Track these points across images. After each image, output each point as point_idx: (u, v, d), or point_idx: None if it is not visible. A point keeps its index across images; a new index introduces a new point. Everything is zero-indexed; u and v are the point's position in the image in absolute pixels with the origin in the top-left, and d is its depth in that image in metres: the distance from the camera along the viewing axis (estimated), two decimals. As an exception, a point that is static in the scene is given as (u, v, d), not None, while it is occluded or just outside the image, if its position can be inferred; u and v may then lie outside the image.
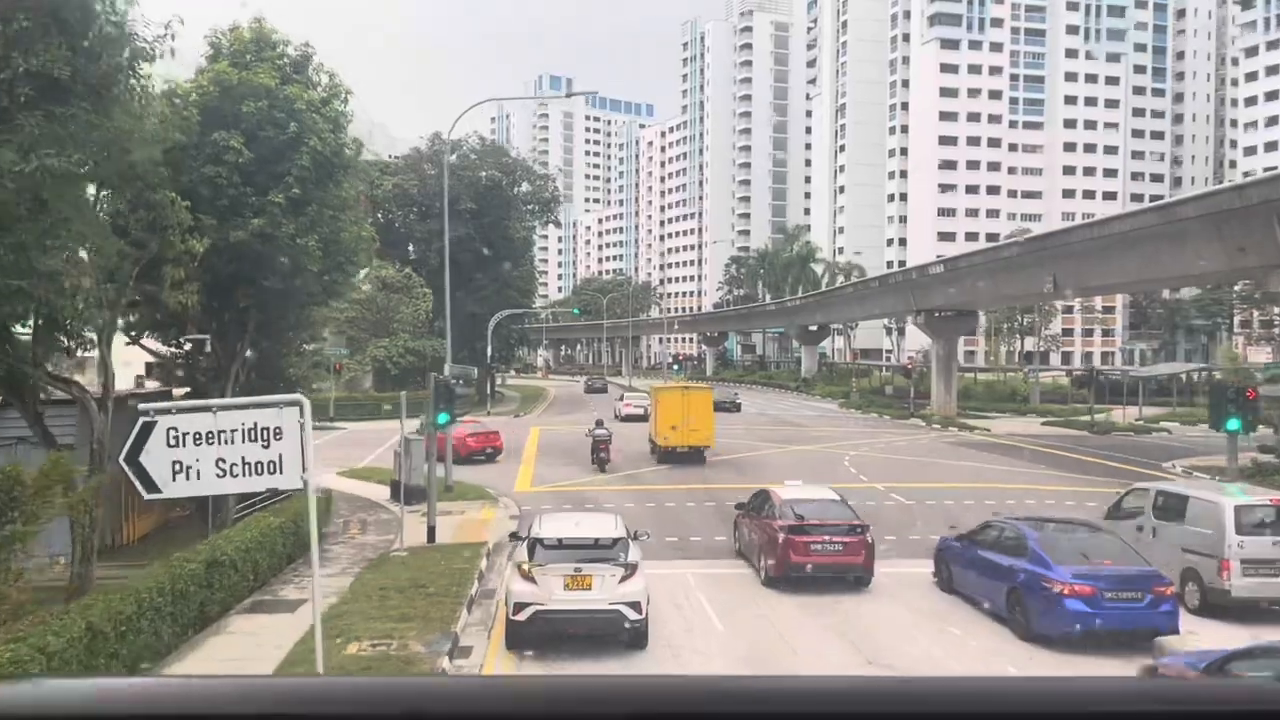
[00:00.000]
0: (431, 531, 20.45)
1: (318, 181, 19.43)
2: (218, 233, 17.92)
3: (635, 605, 12.92)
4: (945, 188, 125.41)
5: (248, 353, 24.10)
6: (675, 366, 64.06)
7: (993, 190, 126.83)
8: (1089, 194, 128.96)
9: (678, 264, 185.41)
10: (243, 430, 10.25)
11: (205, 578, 13.90)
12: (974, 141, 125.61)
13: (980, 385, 76.27)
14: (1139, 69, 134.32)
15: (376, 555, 19.37)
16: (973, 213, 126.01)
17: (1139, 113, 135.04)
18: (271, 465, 10.29)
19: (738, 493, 22.80)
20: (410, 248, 71.14)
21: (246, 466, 10.24)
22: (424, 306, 59.56)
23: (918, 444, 43.52)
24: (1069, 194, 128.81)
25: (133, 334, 19.61)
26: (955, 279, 53.79)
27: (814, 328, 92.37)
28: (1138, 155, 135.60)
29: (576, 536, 13.71)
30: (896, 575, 18.19)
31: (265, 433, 10.29)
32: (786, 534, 17.06)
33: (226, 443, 10.18)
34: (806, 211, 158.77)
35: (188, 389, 22.70)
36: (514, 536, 16.40)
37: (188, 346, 22.27)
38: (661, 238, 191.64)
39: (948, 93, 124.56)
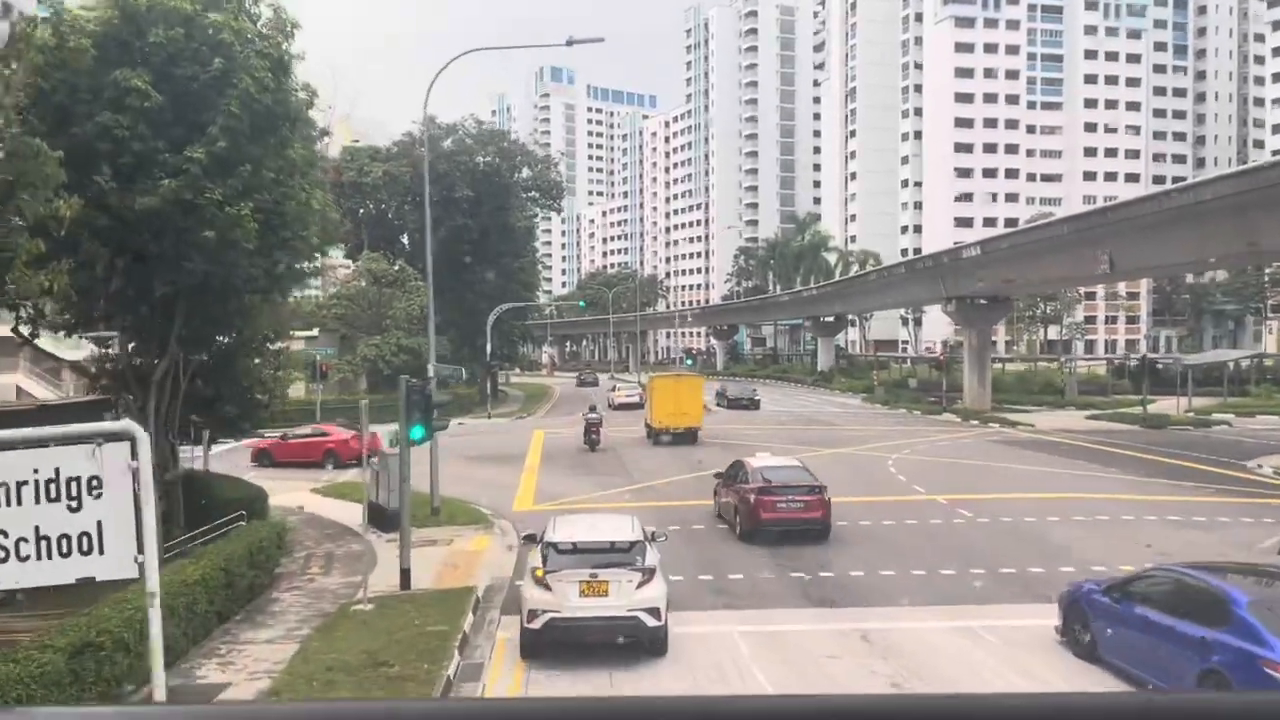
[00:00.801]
0: (405, 576, 16.33)
1: (253, 135, 15.28)
2: (120, 198, 13.80)
3: (654, 611, 12.43)
4: (962, 172, 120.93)
5: (197, 355, 20.20)
6: (688, 360, 59.72)
7: (1011, 174, 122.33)
8: (1110, 176, 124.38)
9: (684, 256, 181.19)
10: (34, 483, 6.13)
11: (68, 670, 9.79)
12: (991, 123, 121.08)
13: (1010, 376, 71.94)
14: (1159, 46, 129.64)
15: (335, 608, 15.24)
16: (990, 197, 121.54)
17: (1160, 91, 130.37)
18: (84, 541, 6.17)
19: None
20: (405, 239, 67.10)
21: (40, 545, 6.12)
22: (419, 301, 55.41)
23: (962, 444, 39.32)
24: (1090, 176, 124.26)
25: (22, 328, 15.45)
26: (992, 262, 49.54)
27: (830, 319, 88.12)
28: (1159, 136, 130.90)
29: (592, 540, 13.12)
30: (1004, 629, 14.01)
31: (73, 486, 6.16)
32: (756, 495, 20.20)
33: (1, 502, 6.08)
34: (816, 200, 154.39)
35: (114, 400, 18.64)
36: (529, 539, 15.20)
37: (110, 346, 18.23)
38: (667, 230, 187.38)
39: (963, 73, 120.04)
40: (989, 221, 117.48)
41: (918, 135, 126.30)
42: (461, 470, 32.56)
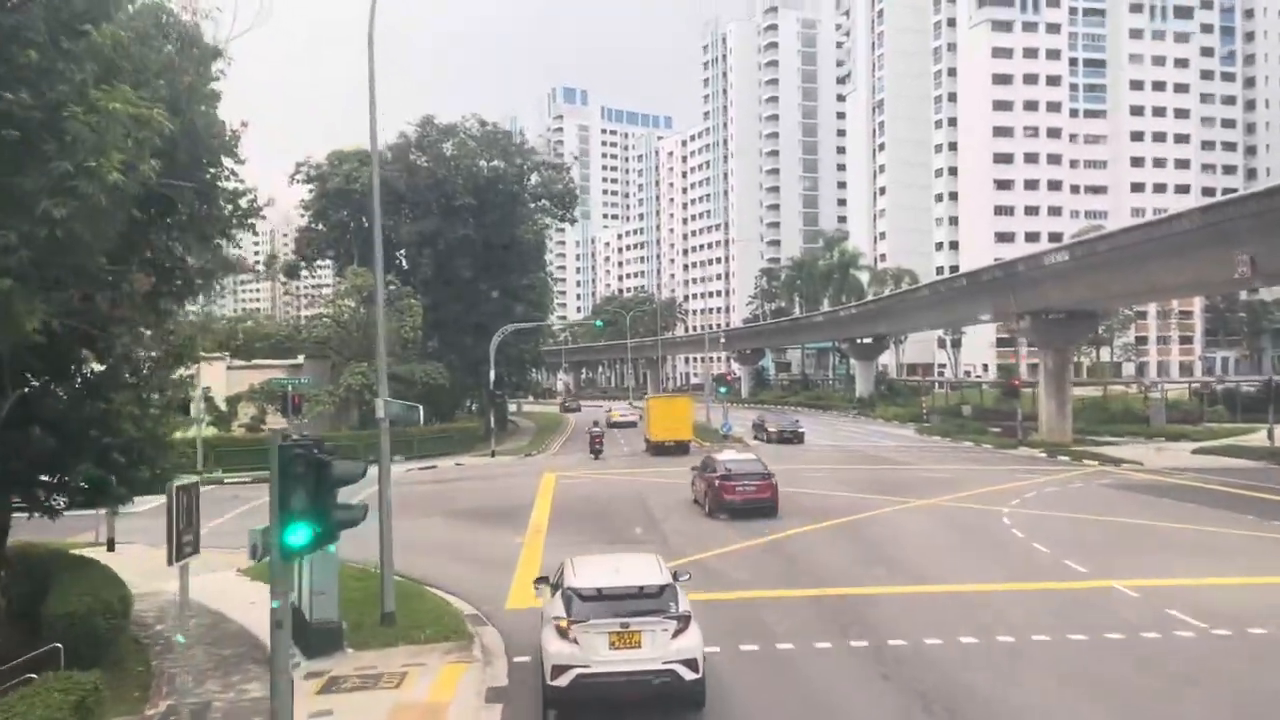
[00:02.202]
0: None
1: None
2: None
3: (691, 663, 11.10)
4: (1002, 184, 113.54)
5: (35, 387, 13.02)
6: (722, 389, 52.40)
7: (1054, 186, 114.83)
8: (1159, 187, 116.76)
9: (703, 279, 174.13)
10: None
11: None
12: (1031, 132, 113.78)
13: (1081, 402, 64.27)
14: (1205, 51, 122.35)
15: None
16: (1032, 210, 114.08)
17: (1207, 98, 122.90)
18: None
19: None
20: (403, 255, 60.05)
21: None
22: (411, 322, 48.25)
23: (1073, 490, 31.65)
24: (1138, 188, 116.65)
25: None
26: (1083, 270, 42.03)
27: (868, 341, 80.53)
28: (1208, 145, 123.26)
29: (620, 586, 11.60)
30: None
31: None
32: (720, 481, 26.28)
33: None
34: (841, 219, 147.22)
35: None
36: (542, 581, 13.60)
37: None
38: (685, 251, 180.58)
39: (1001, 79, 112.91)
40: (1031, 236, 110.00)
41: (952, 146, 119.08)
42: (444, 533, 25.19)
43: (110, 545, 23.62)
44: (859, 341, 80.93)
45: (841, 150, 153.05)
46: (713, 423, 55.61)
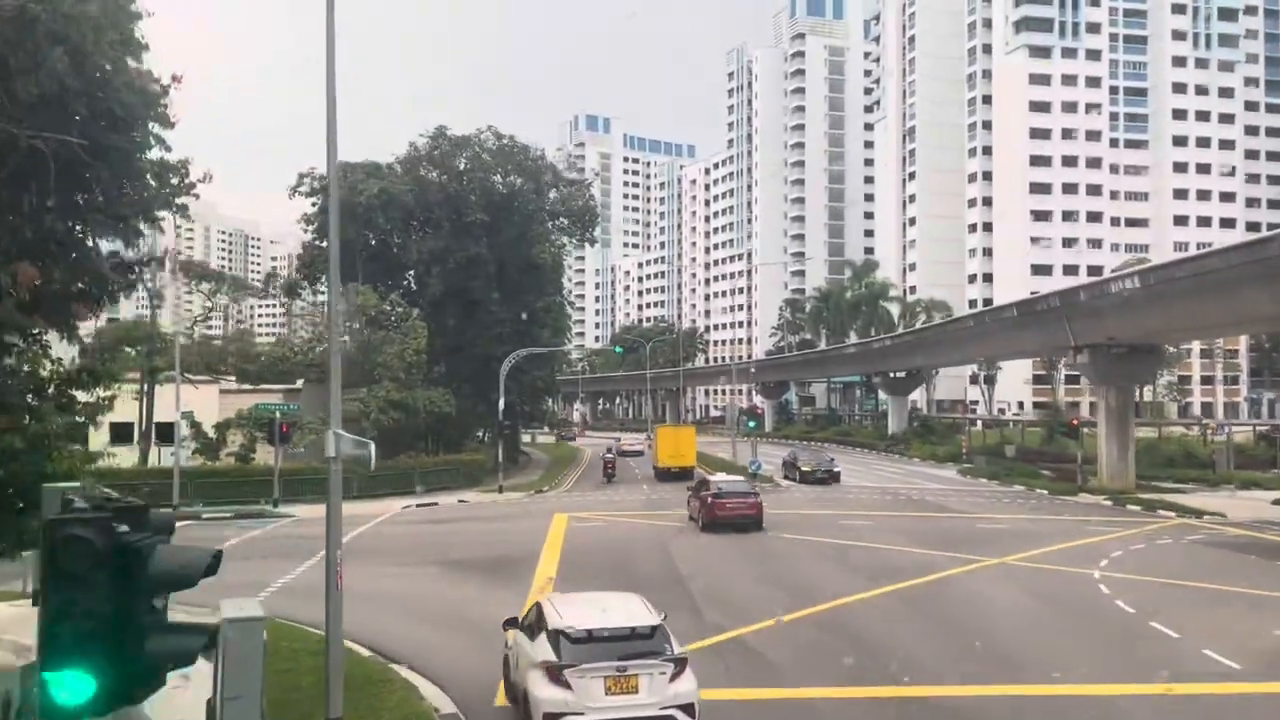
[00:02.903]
0: None
1: None
2: None
3: (689, 709, 10.61)
4: (1039, 215, 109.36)
5: None
6: (751, 423, 48.47)
7: (1094, 217, 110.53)
8: (1204, 221, 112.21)
9: (725, 309, 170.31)
10: None
11: None
12: (1070, 162, 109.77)
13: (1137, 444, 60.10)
14: (1249, 81, 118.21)
15: None
16: (1070, 242, 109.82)
17: (1252, 131, 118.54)
18: None
19: None
20: (411, 275, 56.57)
21: None
22: (415, 344, 44.53)
23: (1163, 548, 27.40)
24: (1181, 221, 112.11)
25: None
26: (1155, 299, 37.91)
27: (902, 375, 76.34)
28: (1252, 179, 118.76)
29: (612, 627, 11.01)
30: None
31: None
32: (712, 499, 29.80)
33: None
34: (868, 250, 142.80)
35: None
36: (511, 624, 12.64)
37: None
38: (706, 281, 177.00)
39: (1038, 107, 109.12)
40: (1069, 269, 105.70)
41: (986, 176, 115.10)
42: (432, 589, 21.29)
43: (36, 598, 19.87)
44: (892, 375, 76.77)
45: (869, 180, 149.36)
46: (739, 459, 51.47)
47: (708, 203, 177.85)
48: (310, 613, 19.12)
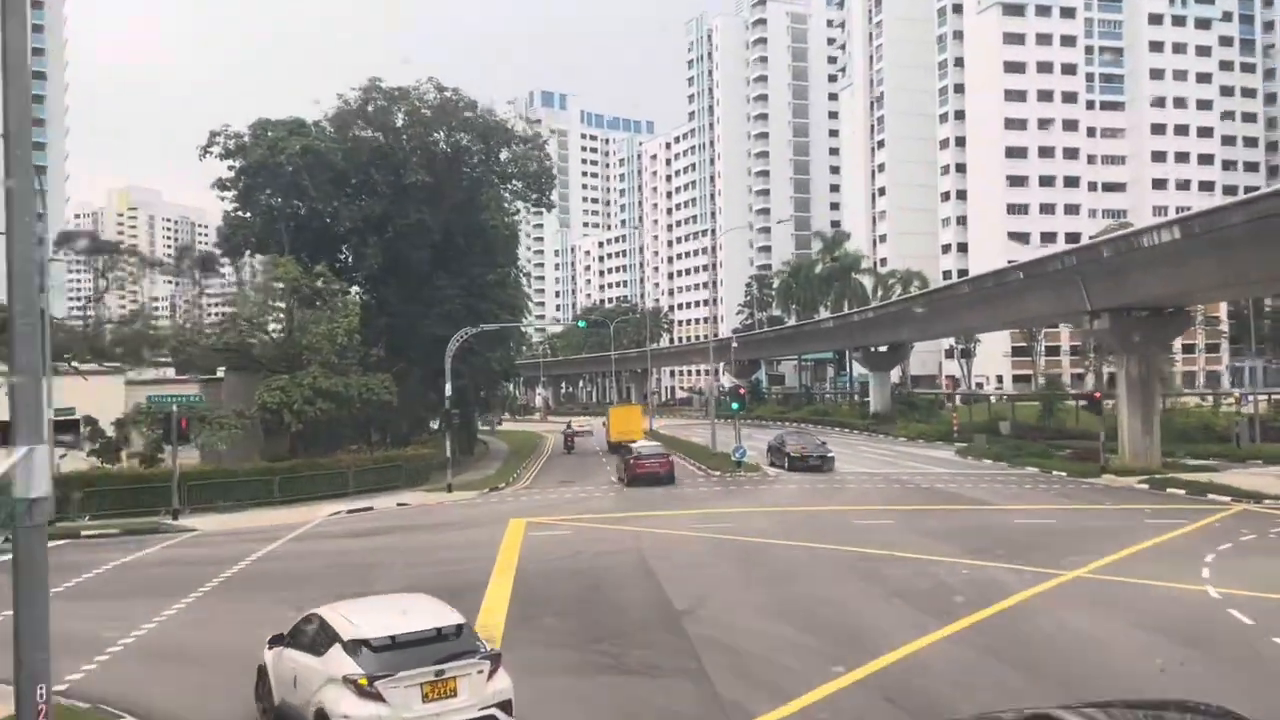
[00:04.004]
0: None
1: None
2: None
3: (506, 705, 10.13)
4: (1015, 180, 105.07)
5: None
6: (735, 405, 42.93)
7: (1071, 182, 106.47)
8: (1183, 184, 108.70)
9: (689, 287, 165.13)
10: None
11: None
12: (1046, 125, 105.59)
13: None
14: (1224, 41, 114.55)
15: None
16: (1048, 208, 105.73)
17: (1227, 91, 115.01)
18: None
19: None
20: (348, 250, 50.35)
21: None
22: (346, 323, 38.47)
23: (1256, 545, 22.42)
24: (1159, 184, 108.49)
25: None
26: (1197, 252, 32.95)
27: (883, 348, 71.42)
28: (1228, 141, 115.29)
29: (418, 630, 10.20)
30: None
31: None
32: (633, 460, 37.98)
33: None
34: (835, 223, 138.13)
35: None
36: (278, 640, 11.43)
37: None
38: (670, 259, 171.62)
39: (1013, 68, 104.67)
40: (1047, 237, 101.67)
41: (959, 142, 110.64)
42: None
43: None
44: (873, 350, 71.84)
45: (835, 151, 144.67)
46: (719, 445, 46.10)
47: (669, 178, 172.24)
48: (165, 688, 13.49)
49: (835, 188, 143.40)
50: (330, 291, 39.42)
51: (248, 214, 48.40)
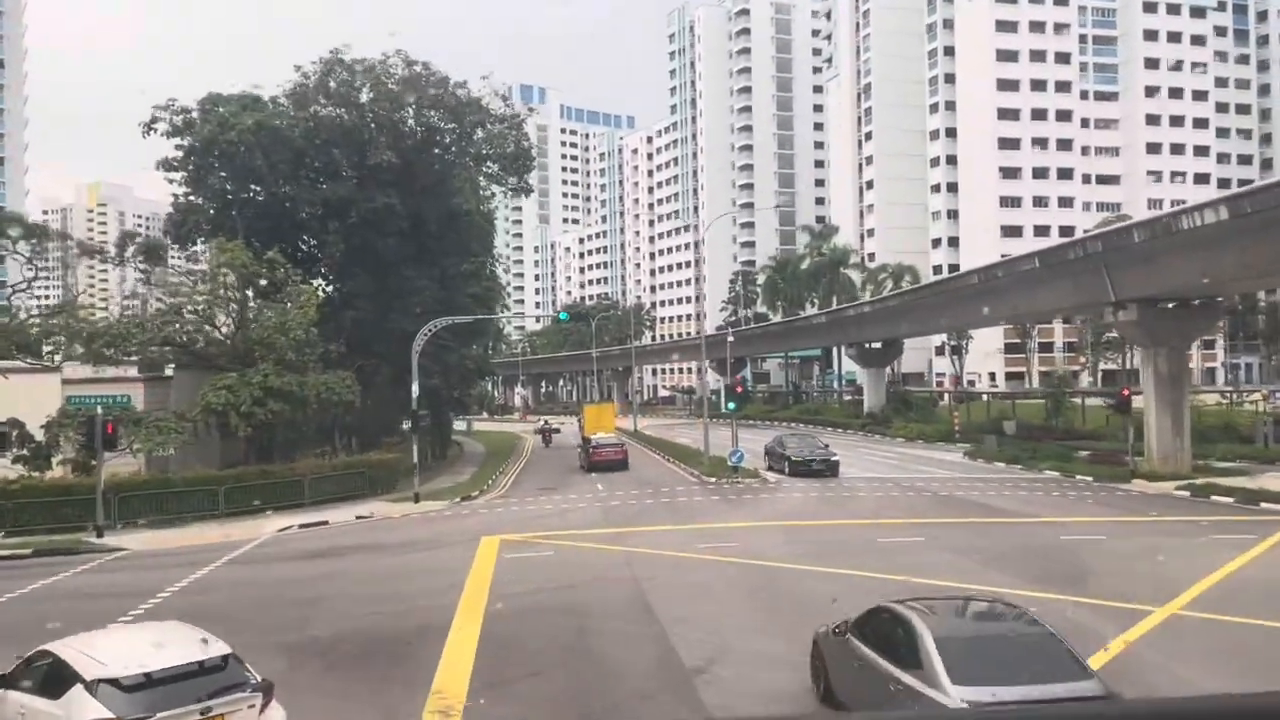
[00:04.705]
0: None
1: None
2: None
3: None
4: (1008, 172, 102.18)
5: None
6: (731, 404, 39.49)
7: (1064, 174, 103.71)
8: (1178, 175, 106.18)
9: (672, 284, 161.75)
10: None
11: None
12: (1039, 115, 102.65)
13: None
14: (1218, 31, 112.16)
15: None
16: (1041, 201, 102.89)
17: (1221, 83, 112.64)
18: None
19: None
20: (310, 239, 46.47)
21: None
22: (301, 315, 34.63)
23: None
24: (1154, 175, 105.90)
25: None
26: (1249, 233, 29.76)
27: (877, 345, 68.17)
28: (1222, 133, 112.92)
29: (175, 665, 8.99)
30: None
31: None
32: (589, 449, 44.27)
33: None
34: (820, 219, 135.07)
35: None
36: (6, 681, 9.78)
37: None
38: (651, 255, 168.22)
39: (1006, 56, 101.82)
40: (1041, 230, 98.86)
41: (950, 133, 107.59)
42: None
43: None
44: (867, 346, 68.57)
45: (820, 144, 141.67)
46: (712, 448, 42.65)
47: (651, 173, 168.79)
48: None
49: (820, 182, 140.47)
50: (283, 280, 35.52)
51: (201, 200, 44.42)
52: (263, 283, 37.09)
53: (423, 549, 24.27)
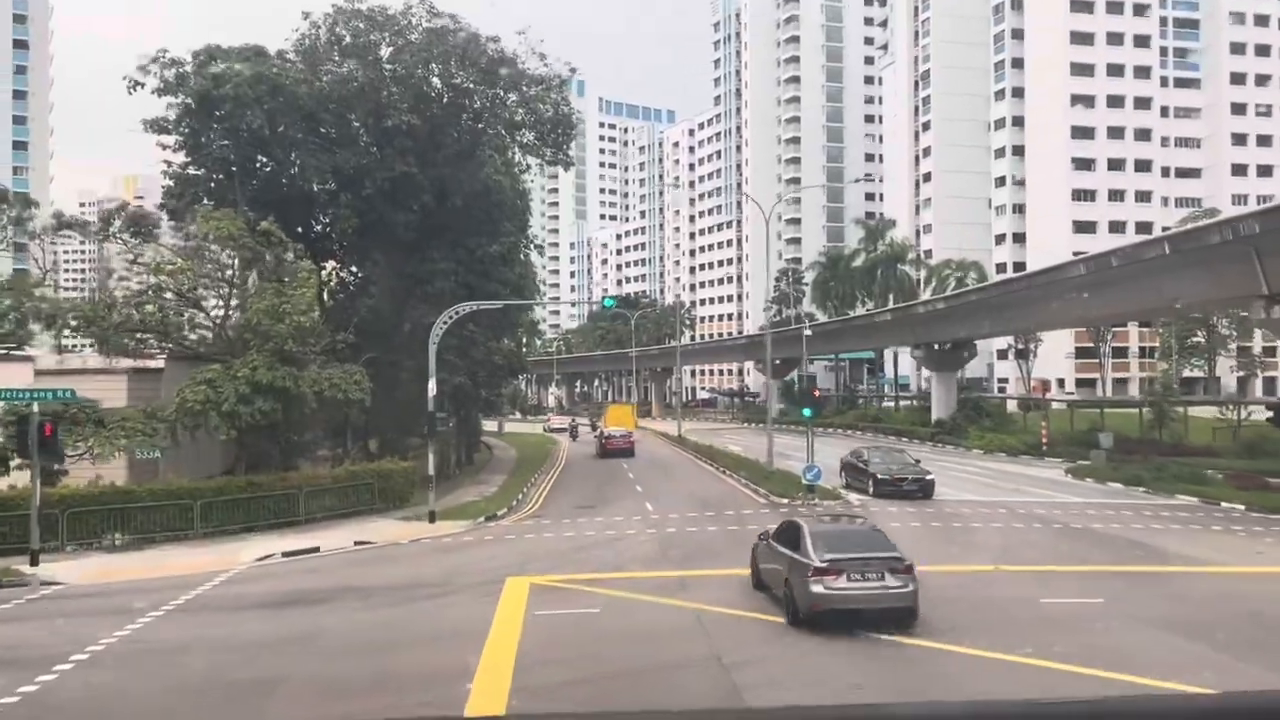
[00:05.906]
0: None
1: None
2: None
3: None
4: (1081, 164, 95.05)
5: None
6: (806, 410, 33.54)
7: (1142, 166, 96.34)
8: (1264, 170, 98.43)
9: (712, 282, 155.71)
10: None
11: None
12: (1116, 103, 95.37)
13: (1223, 423, 47.47)
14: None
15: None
16: (1116, 195, 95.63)
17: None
18: None
19: None
20: (321, 214, 41.08)
21: None
22: (300, 297, 29.16)
23: None
24: (1239, 170, 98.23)
25: None
26: None
27: (947, 346, 61.77)
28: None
29: None
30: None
31: None
32: (603, 440, 54.37)
33: None
34: (870, 214, 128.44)
35: None
36: None
37: None
38: (691, 253, 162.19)
39: (1081, 39, 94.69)
40: (1116, 226, 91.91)
41: (1017, 122, 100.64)
42: None
43: None
44: (936, 348, 62.17)
45: (872, 136, 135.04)
46: (775, 459, 36.61)
47: (692, 166, 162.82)
48: None
49: (869, 176, 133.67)
50: (278, 255, 30.11)
51: (199, 170, 39.24)
52: (267, 258, 31.75)
53: (428, 596, 18.57)
